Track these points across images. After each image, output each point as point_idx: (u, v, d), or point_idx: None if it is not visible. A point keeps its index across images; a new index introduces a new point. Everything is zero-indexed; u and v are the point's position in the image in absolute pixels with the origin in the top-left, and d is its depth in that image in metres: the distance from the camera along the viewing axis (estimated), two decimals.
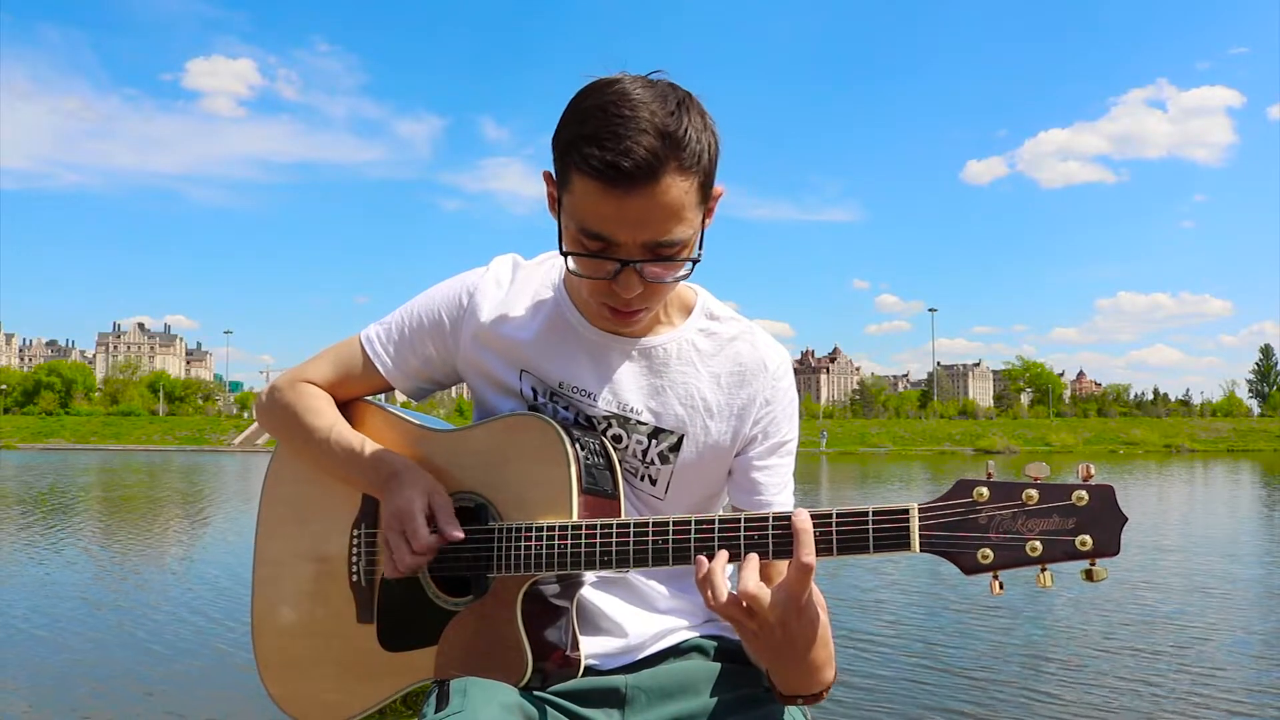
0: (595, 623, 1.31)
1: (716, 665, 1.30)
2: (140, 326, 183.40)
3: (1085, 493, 1.01)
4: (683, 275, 1.21)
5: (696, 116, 1.15)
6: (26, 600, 6.93)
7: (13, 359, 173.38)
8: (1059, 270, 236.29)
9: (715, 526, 1.13)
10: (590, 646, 1.29)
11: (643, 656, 1.33)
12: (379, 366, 1.40)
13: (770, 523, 1.11)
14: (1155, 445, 56.54)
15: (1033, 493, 1.03)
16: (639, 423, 1.32)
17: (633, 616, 1.32)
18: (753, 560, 1.10)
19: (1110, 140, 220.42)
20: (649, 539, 1.15)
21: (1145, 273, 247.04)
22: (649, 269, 1.18)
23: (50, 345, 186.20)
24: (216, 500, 17.29)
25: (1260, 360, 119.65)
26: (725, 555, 1.11)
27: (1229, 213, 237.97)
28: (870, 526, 1.07)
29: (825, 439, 56.30)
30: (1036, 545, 1.02)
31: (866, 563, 7.71)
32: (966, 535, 1.04)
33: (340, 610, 1.34)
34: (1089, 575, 1.01)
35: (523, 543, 1.20)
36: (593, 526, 1.18)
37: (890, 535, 1.07)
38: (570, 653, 1.25)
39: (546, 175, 1.21)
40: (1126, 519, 1.01)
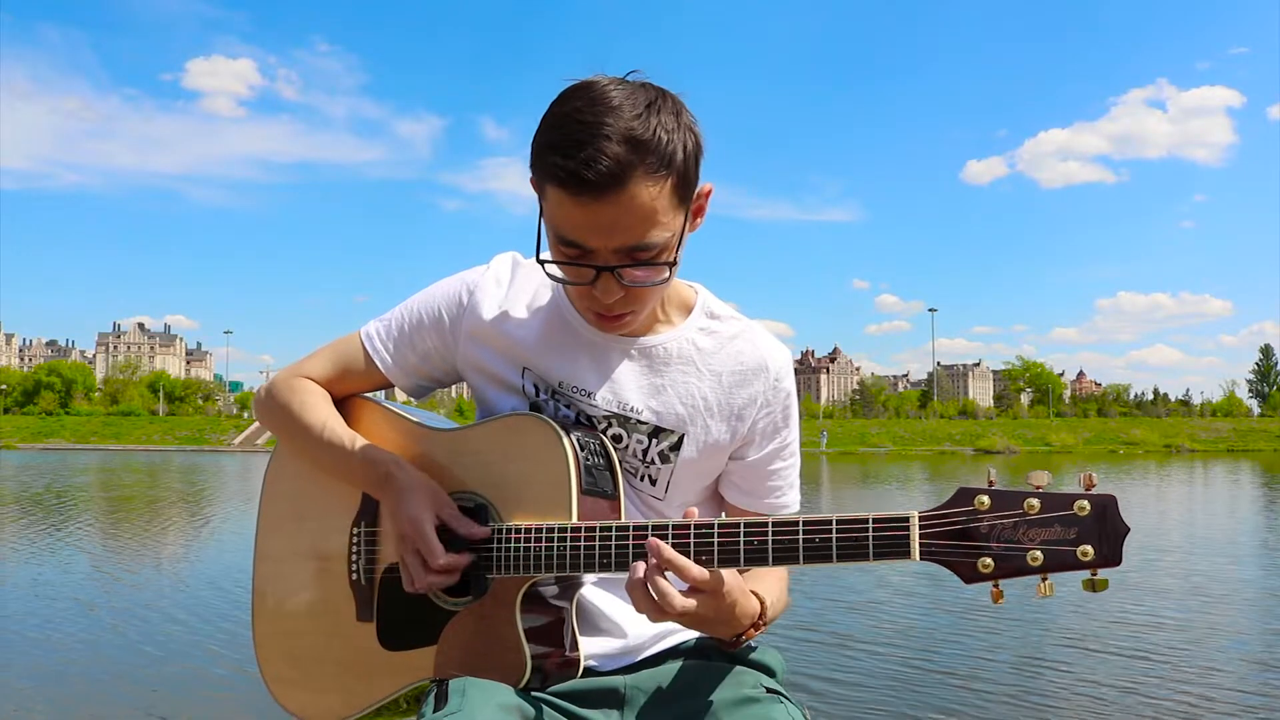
0: (595, 623, 1.31)
1: (716, 665, 1.30)
2: (140, 326, 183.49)
3: (1087, 502, 1.01)
4: (664, 279, 1.21)
5: (668, 116, 1.14)
6: (18, 601, 6.87)
7: (13, 359, 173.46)
8: (1059, 270, 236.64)
9: (714, 531, 1.13)
10: (590, 647, 1.29)
11: (642, 657, 1.34)
12: (378, 363, 1.40)
13: (770, 528, 1.10)
14: (1155, 445, 56.53)
15: (1034, 502, 1.02)
16: (639, 422, 1.32)
17: (632, 617, 1.31)
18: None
19: (1110, 140, 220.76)
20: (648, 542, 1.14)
21: (1145, 273, 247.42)
22: (628, 274, 1.18)
23: (50, 345, 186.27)
24: (213, 500, 17.16)
25: (1260, 360, 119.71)
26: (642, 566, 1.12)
27: (1229, 213, 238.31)
28: (870, 534, 1.07)
29: (825, 439, 56.33)
30: (1037, 555, 1.01)
31: (856, 563, 7.65)
32: (967, 544, 1.04)
33: (340, 609, 1.34)
34: (1090, 585, 1.00)
35: (522, 544, 1.20)
36: (592, 528, 1.17)
37: (890, 543, 1.06)
38: (569, 653, 1.25)
39: (532, 182, 1.21)
40: (1129, 529, 1.00)
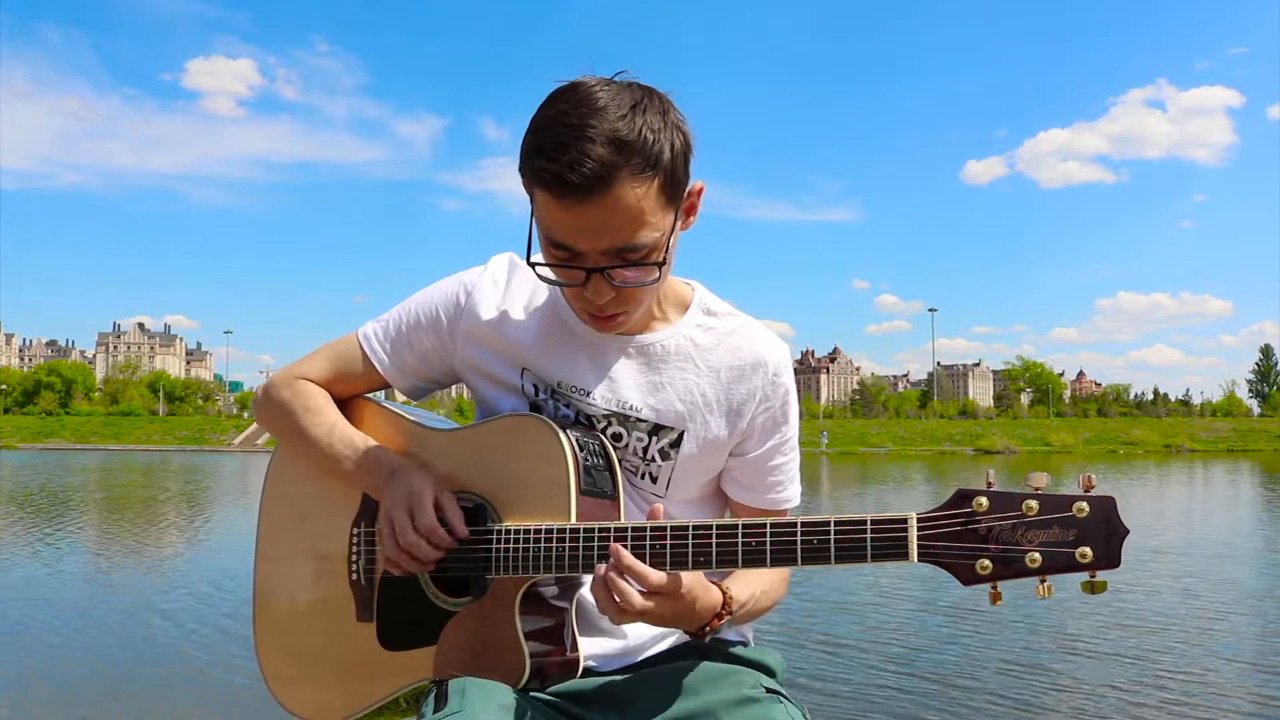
0: (594, 623, 1.30)
1: (716, 666, 1.29)
2: (140, 326, 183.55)
3: (1086, 504, 1.00)
4: (655, 279, 1.21)
5: (654, 116, 1.14)
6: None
7: (13, 359, 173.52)
8: (1059, 270, 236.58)
9: (713, 532, 1.13)
10: (589, 647, 1.29)
11: (642, 658, 1.34)
12: (376, 364, 1.40)
13: (768, 530, 1.11)
14: (1155, 445, 56.52)
15: (1033, 503, 1.02)
16: (639, 420, 1.32)
17: None
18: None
19: (1110, 140, 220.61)
20: (647, 543, 1.15)
21: (1145, 273, 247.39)
22: (618, 274, 1.18)
23: (50, 345, 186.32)
24: (207, 501, 17.05)
25: (1260, 360, 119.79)
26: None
27: (1229, 213, 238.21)
28: (868, 536, 1.07)
29: (825, 439, 56.36)
30: (1036, 557, 1.01)
31: (845, 566, 7.57)
32: (965, 546, 1.04)
33: (340, 609, 1.34)
34: (1089, 587, 1.00)
35: (521, 544, 1.20)
36: (591, 529, 1.17)
37: (888, 545, 1.06)
38: (569, 654, 1.25)
39: (523, 184, 1.21)
40: (1128, 531, 1.00)
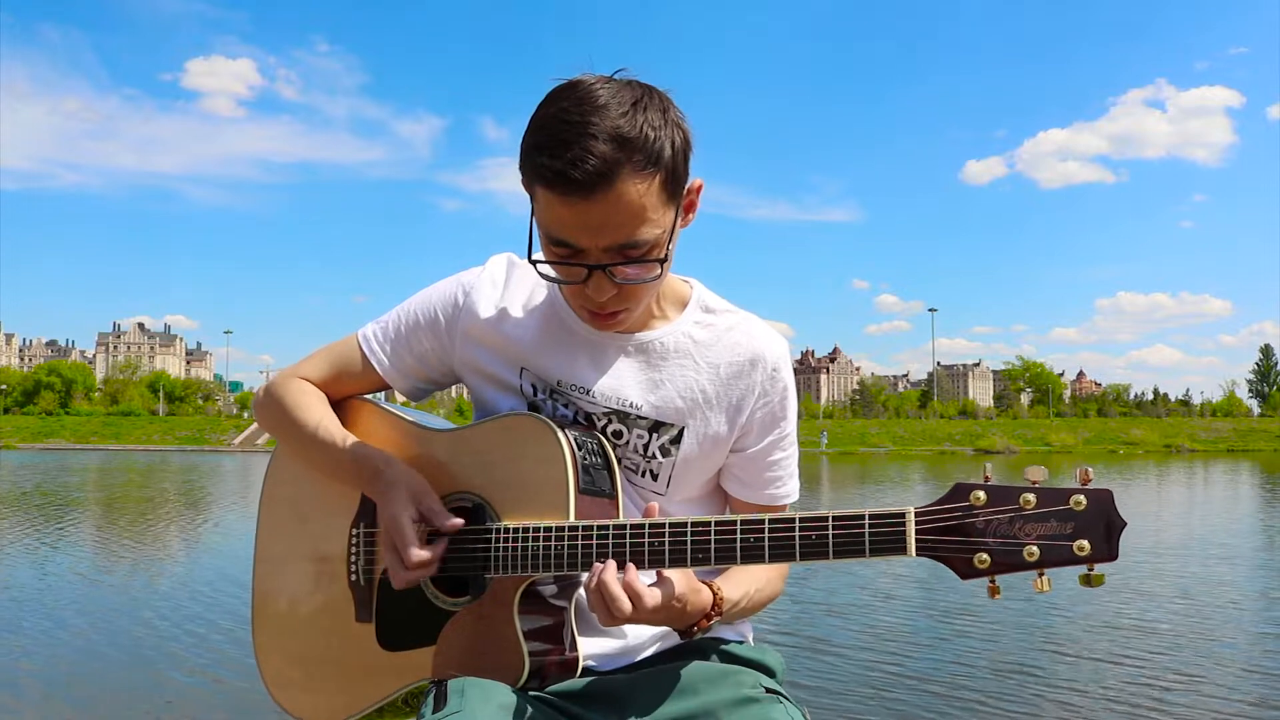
0: (594, 623, 1.30)
1: (715, 666, 1.30)
2: (140, 326, 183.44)
3: (1083, 497, 1.01)
4: (656, 275, 1.21)
5: (655, 113, 1.15)
6: None
7: (13, 359, 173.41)
8: (1059, 270, 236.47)
9: (711, 528, 1.13)
10: (588, 647, 1.29)
11: (641, 657, 1.34)
12: (375, 365, 1.40)
13: (767, 526, 1.11)
14: (1155, 445, 56.41)
15: (1030, 497, 1.02)
16: (639, 417, 1.32)
17: None
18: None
19: (1109, 140, 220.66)
20: (645, 540, 1.15)
21: (1145, 273, 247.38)
22: (620, 271, 1.18)
23: (50, 345, 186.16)
24: (203, 502, 16.97)
25: (1260, 360, 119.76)
26: (614, 565, 1.14)
27: (1229, 213, 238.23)
28: (866, 530, 1.07)
29: (825, 439, 56.32)
30: (1034, 550, 1.01)
31: (841, 565, 7.56)
32: (963, 540, 1.04)
33: (339, 609, 1.34)
34: (1087, 580, 1.00)
35: (520, 543, 1.20)
36: (590, 527, 1.18)
37: (886, 539, 1.06)
38: (568, 653, 1.25)
39: (523, 183, 1.21)
40: (1125, 524, 1.00)
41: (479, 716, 1.11)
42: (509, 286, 1.38)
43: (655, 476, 1.34)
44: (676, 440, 1.33)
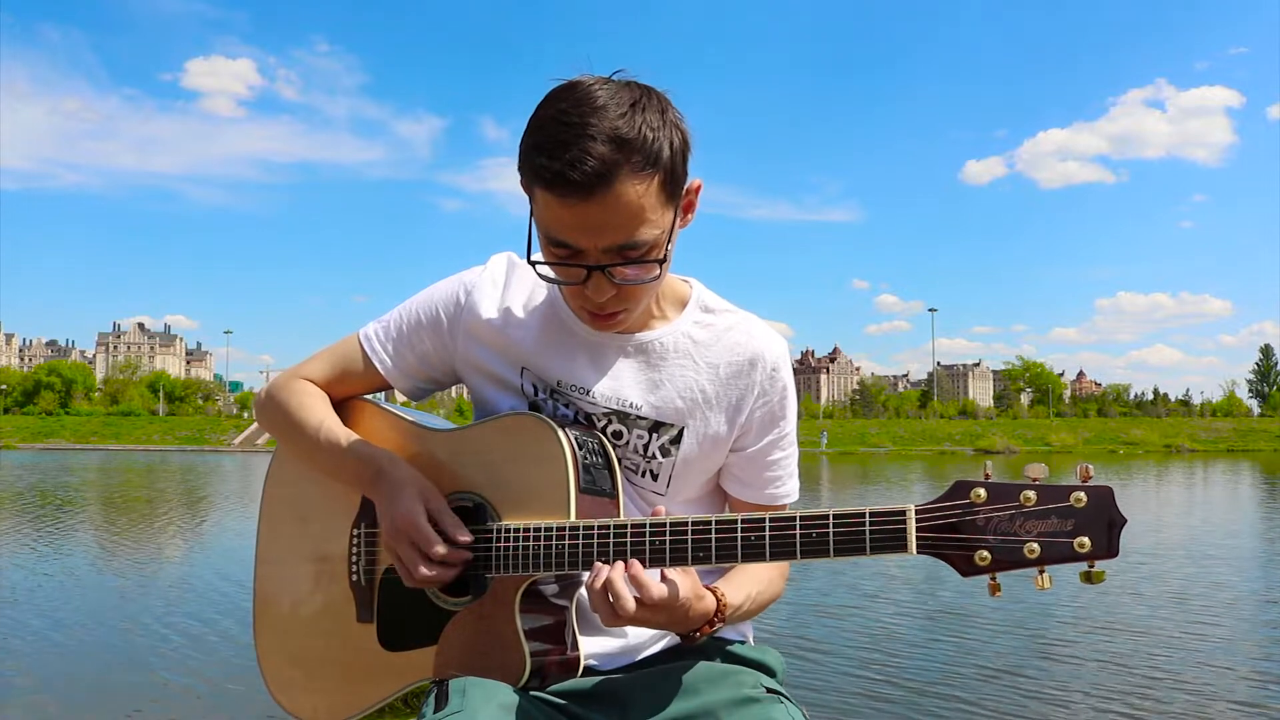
0: (595, 622, 1.30)
1: (716, 665, 1.29)
2: (140, 326, 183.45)
3: (1084, 494, 1.01)
4: (655, 276, 1.21)
5: (653, 114, 1.15)
6: None
7: (13, 359, 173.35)
8: (1059, 270, 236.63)
9: (712, 527, 1.13)
10: (590, 646, 1.29)
11: (642, 657, 1.34)
12: (377, 365, 1.40)
13: (767, 524, 1.11)
14: (1155, 445, 56.32)
15: (1030, 494, 1.02)
16: (639, 417, 1.32)
17: None
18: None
19: (1109, 140, 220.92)
20: (646, 539, 1.15)
21: (1145, 273, 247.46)
22: (619, 272, 1.18)
23: (50, 345, 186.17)
24: (198, 502, 16.85)
25: (1260, 360, 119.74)
26: (620, 565, 1.14)
27: (1228, 213, 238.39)
28: (867, 528, 1.07)
29: (825, 439, 56.28)
30: (1034, 547, 1.01)
31: (833, 566, 7.48)
32: (963, 537, 1.04)
33: (340, 610, 1.34)
34: (1087, 577, 1.00)
35: (521, 543, 1.20)
36: (590, 526, 1.18)
37: (887, 537, 1.06)
38: (569, 653, 1.25)
39: (522, 184, 1.21)
40: (1125, 520, 1.00)
41: (480, 716, 1.11)
42: (510, 286, 1.38)
43: (655, 476, 1.34)
44: (676, 440, 1.33)
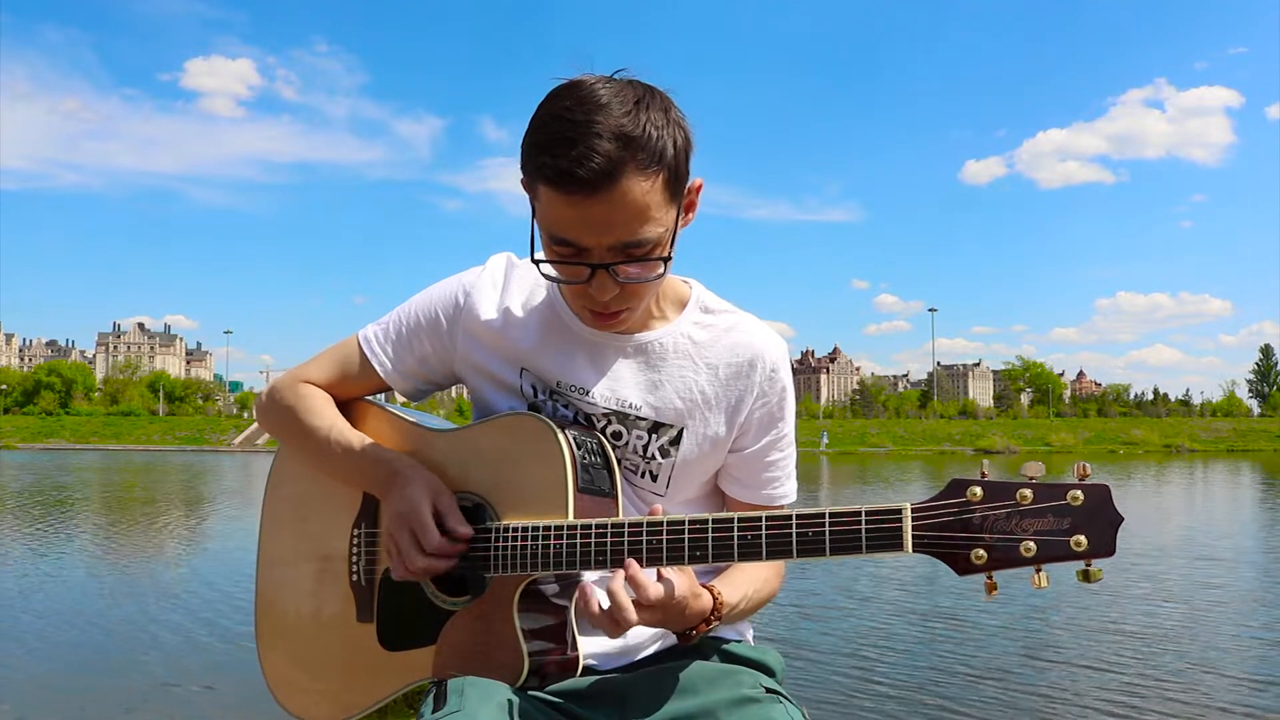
0: None
1: (715, 665, 1.30)
2: (140, 326, 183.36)
3: (1080, 492, 1.01)
4: (659, 274, 1.21)
5: (657, 113, 1.15)
6: None
7: (13, 359, 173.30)
8: (1058, 270, 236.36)
9: (709, 526, 1.13)
10: (589, 646, 1.29)
11: (641, 656, 1.34)
12: (376, 366, 1.40)
13: (764, 523, 1.11)
14: (1155, 445, 56.22)
15: (1027, 492, 1.02)
16: (638, 418, 1.32)
17: None
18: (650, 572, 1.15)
19: (1109, 140, 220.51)
20: (644, 539, 1.15)
21: (1144, 273, 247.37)
22: (623, 270, 1.18)
23: (50, 345, 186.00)
24: (194, 503, 16.77)
25: (1260, 360, 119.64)
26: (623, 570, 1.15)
27: (1228, 213, 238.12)
28: (863, 527, 1.07)
29: (825, 439, 56.25)
30: (1031, 546, 1.01)
31: (822, 566, 7.44)
32: (960, 535, 1.04)
33: (341, 610, 1.35)
34: (1084, 576, 1.00)
35: (520, 542, 1.20)
36: (589, 526, 1.18)
37: (883, 535, 1.06)
38: (568, 652, 1.25)
39: (523, 183, 1.21)
40: (1122, 519, 1.00)
41: (479, 716, 1.11)
42: (509, 287, 1.38)
43: (655, 477, 1.34)
44: (676, 441, 1.33)
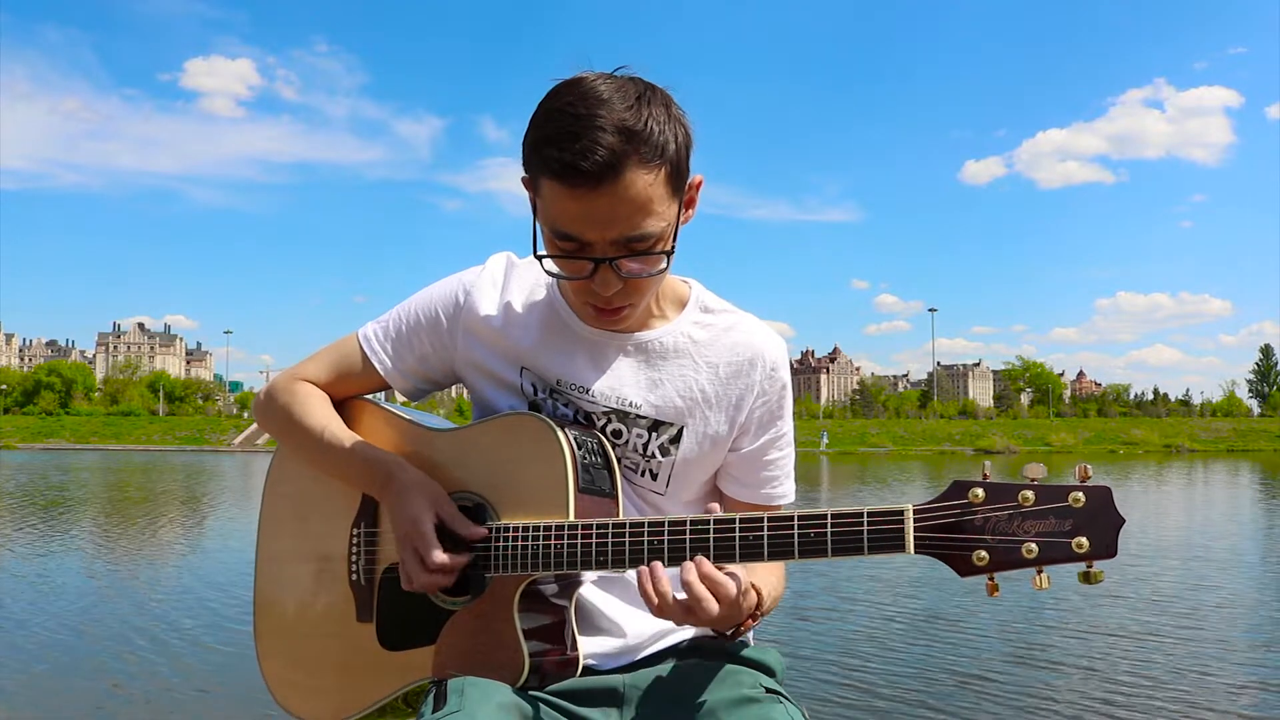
0: (594, 622, 1.31)
1: (715, 665, 1.30)
2: (140, 326, 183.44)
3: (1082, 494, 1.01)
4: (661, 269, 1.21)
5: (659, 109, 1.16)
6: None
7: (13, 359, 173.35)
8: (1058, 270, 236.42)
9: (710, 526, 1.13)
10: (588, 646, 1.29)
11: (641, 656, 1.34)
12: (376, 365, 1.40)
13: (766, 524, 1.11)
14: (1155, 445, 56.20)
15: (1029, 494, 1.02)
16: (638, 417, 1.33)
17: (631, 616, 1.32)
18: (691, 565, 1.13)
19: (1109, 140, 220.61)
20: (644, 538, 1.15)
21: (1144, 273, 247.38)
22: (625, 265, 1.18)
23: (50, 345, 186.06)
24: (190, 503, 16.63)
25: (1260, 360, 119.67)
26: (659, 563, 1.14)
27: (1228, 213, 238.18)
28: (865, 528, 1.07)
29: (826, 439, 56.27)
30: (1033, 547, 1.01)
31: (814, 568, 7.38)
32: (962, 537, 1.04)
33: (340, 609, 1.35)
34: (1086, 577, 1.00)
35: (520, 542, 1.20)
36: (589, 526, 1.18)
37: (885, 537, 1.07)
38: (568, 652, 1.25)
39: (524, 180, 1.22)
40: (1124, 520, 1.00)
41: (478, 716, 1.11)
42: (509, 286, 1.38)
43: (655, 476, 1.34)
44: (676, 440, 1.33)
